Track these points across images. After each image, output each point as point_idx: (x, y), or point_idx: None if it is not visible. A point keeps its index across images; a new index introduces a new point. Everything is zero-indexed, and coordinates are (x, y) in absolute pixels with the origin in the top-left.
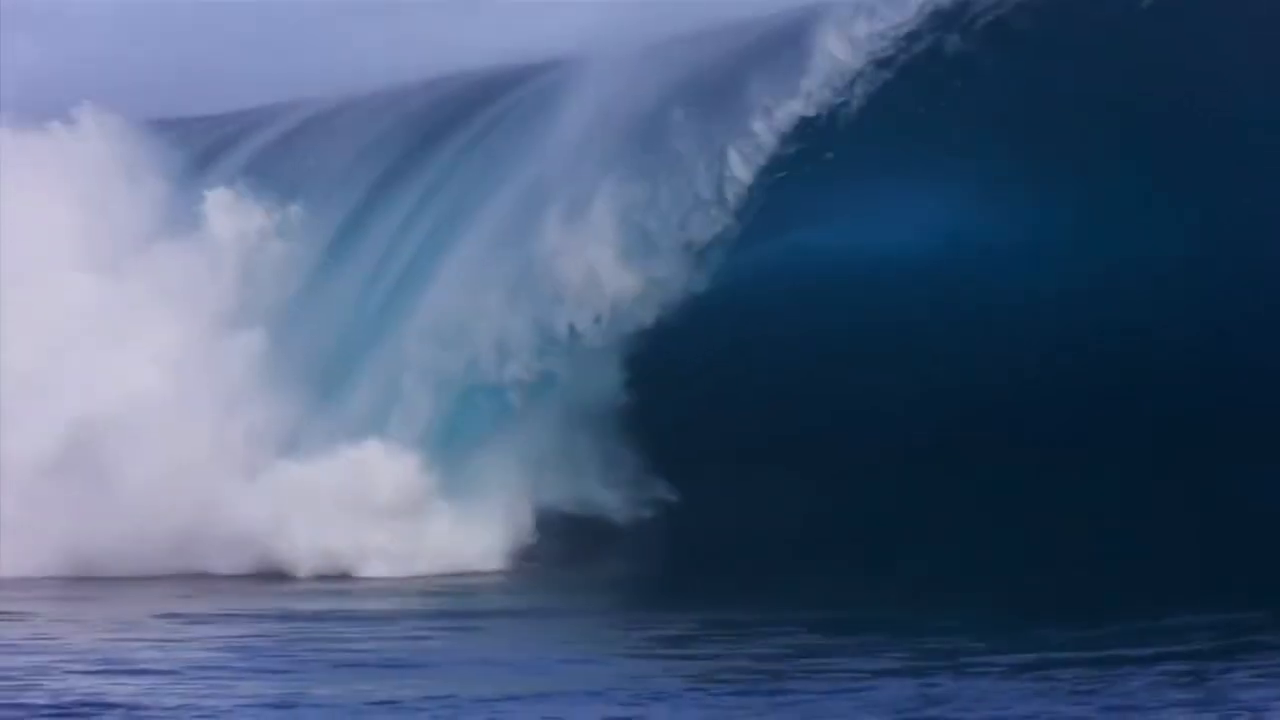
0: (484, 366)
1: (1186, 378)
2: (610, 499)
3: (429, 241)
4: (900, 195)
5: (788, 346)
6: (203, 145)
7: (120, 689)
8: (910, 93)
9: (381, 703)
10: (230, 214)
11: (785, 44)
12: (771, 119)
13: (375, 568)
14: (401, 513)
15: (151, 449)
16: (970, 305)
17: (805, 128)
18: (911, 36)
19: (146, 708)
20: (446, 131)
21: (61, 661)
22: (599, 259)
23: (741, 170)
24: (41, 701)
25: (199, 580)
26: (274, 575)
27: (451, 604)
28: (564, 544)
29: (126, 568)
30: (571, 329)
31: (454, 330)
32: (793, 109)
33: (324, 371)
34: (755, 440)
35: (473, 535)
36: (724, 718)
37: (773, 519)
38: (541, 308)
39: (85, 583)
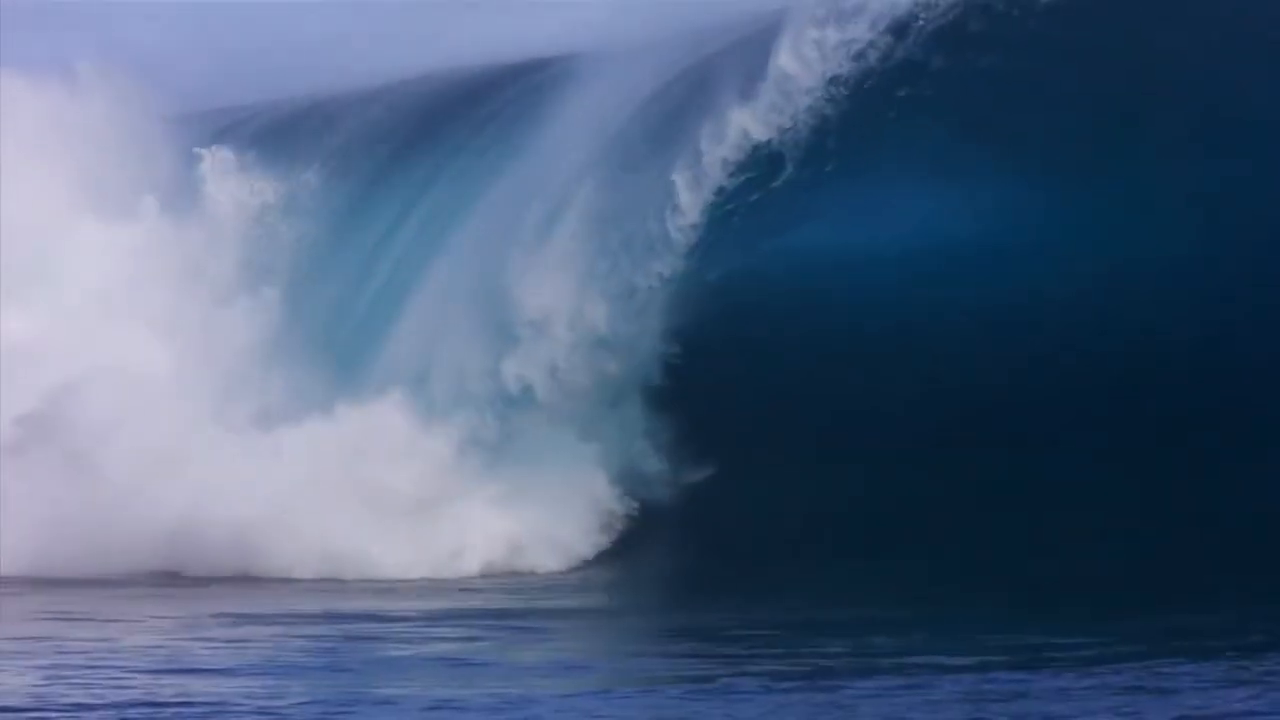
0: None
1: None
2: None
3: (397, 272)
4: (861, 207)
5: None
6: (202, 131)
7: (179, 688)
8: (868, 106)
9: (441, 702)
10: (226, 176)
11: (746, 56)
12: (723, 144)
13: (397, 567)
14: (428, 502)
15: (138, 424)
16: (966, 306)
17: (757, 151)
18: (870, 46)
19: (207, 706)
20: (430, 135)
21: (122, 660)
22: (554, 305)
23: (689, 199)
24: (102, 701)
25: (208, 581)
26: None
27: (498, 602)
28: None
29: (113, 562)
30: (526, 385)
31: (412, 382)
32: (749, 128)
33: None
34: (781, 437)
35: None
36: (785, 713)
37: (808, 516)
38: (497, 358)
39: (111, 583)
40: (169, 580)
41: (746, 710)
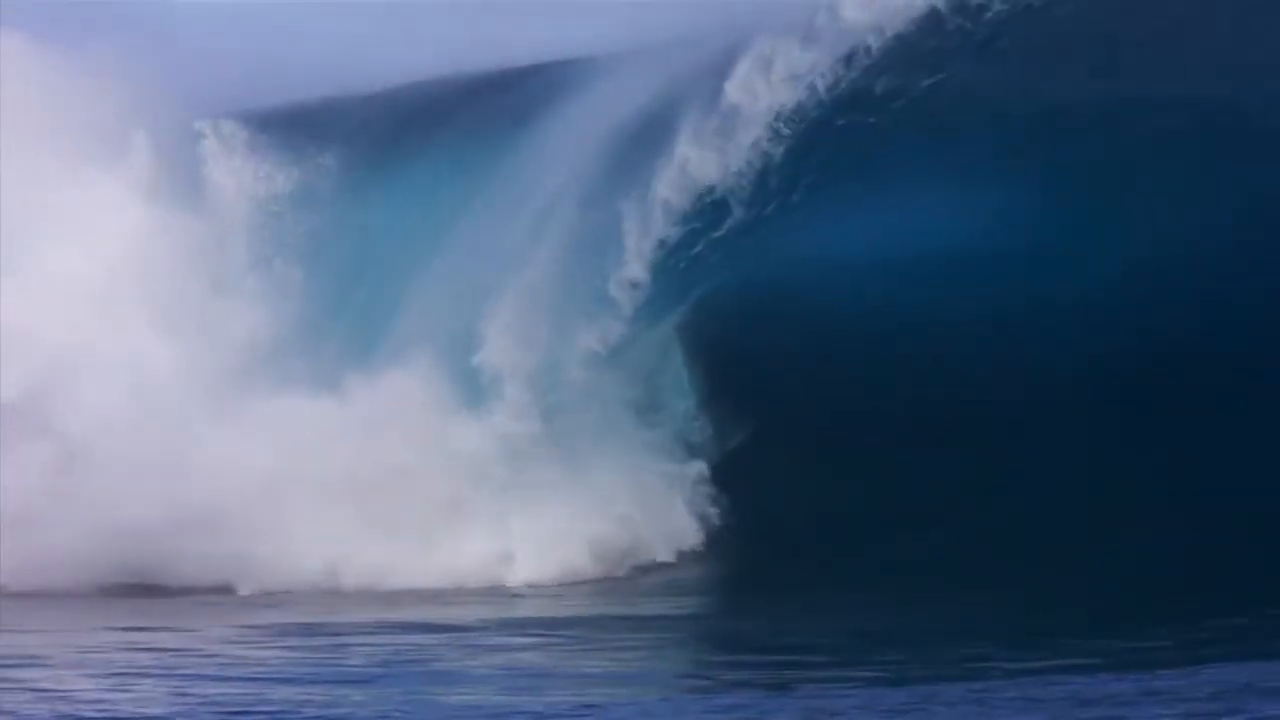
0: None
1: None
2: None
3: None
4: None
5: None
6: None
7: (238, 696)
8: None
9: (503, 708)
10: (230, 154)
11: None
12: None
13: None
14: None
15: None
16: (946, 332)
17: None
18: (820, 76)
19: (266, 714)
20: (429, 137)
21: (177, 670)
22: (513, 363)
23: (638, 256)
24: (165, 710)
25: (234, 589)
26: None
27: (551, 610)
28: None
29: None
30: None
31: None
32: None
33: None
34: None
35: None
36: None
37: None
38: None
39: (134, 591)
40: (186, 589)
41: (803, 715)
